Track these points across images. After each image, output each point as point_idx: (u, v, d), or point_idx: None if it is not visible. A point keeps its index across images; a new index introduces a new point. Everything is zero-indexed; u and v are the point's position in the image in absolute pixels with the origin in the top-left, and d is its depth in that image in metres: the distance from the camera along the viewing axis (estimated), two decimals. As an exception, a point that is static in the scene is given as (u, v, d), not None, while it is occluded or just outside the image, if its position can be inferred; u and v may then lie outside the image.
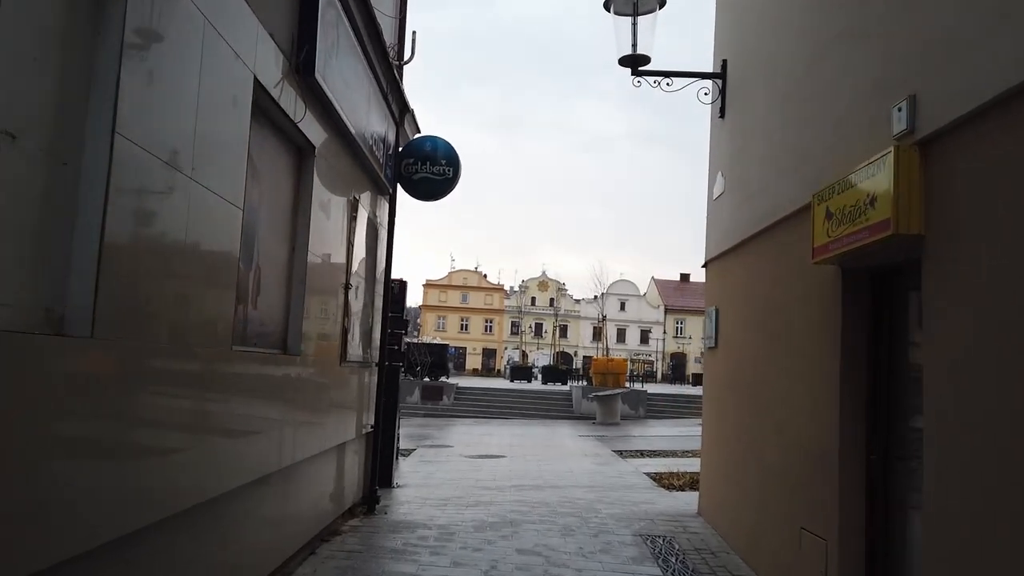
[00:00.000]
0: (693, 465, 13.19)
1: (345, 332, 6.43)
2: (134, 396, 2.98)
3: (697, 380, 53.37)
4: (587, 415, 25.00)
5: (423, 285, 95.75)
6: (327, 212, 5.74)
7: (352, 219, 6.55)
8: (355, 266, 6.86)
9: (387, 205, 8.11)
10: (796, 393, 5.49)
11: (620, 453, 15.14)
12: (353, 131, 6.02)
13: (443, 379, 28.49)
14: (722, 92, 7.97)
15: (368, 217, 7.46)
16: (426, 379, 27.70)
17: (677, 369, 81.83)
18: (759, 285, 6.51)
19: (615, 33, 7.45)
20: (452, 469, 12.29)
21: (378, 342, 7.92)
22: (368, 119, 6.62)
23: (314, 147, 5.26)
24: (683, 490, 10.31)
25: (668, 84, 7.82)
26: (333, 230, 6.00)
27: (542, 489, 10.12)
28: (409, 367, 27.94)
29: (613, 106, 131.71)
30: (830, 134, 5.11)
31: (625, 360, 30.84)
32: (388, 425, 10.22)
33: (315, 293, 5.51)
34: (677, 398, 29.05)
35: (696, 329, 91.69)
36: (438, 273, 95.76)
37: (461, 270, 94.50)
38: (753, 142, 6.84)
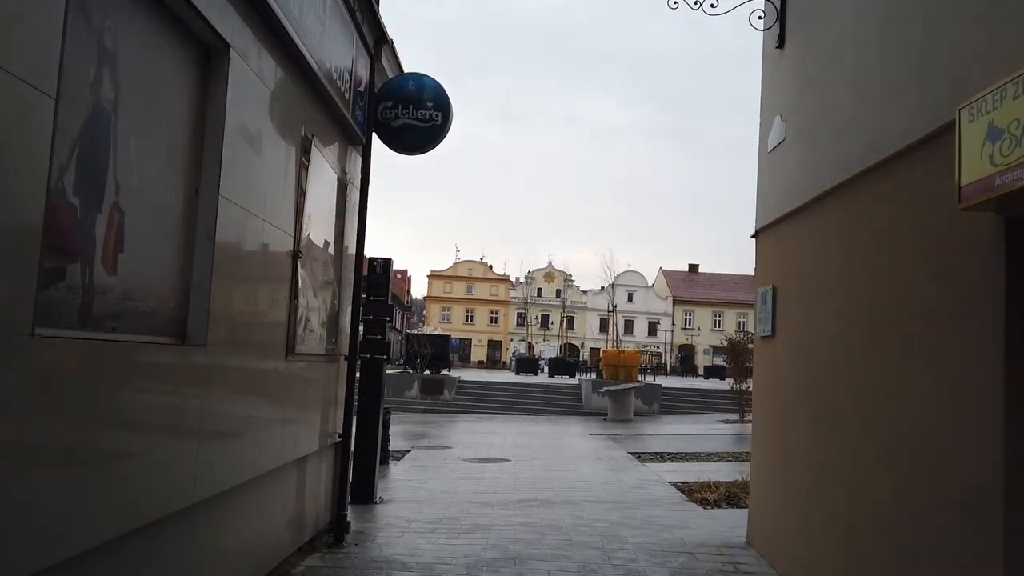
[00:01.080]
0: (723, 472, 11.57)
1: (292, 316, 4.82)
2: None
3: (712, 373, 51.63)
4: (598, 411, 23.42)
5: (428, 276, 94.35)
6: (256, 147, 4.13)
7: (303, 165, 4.94)
8: (310, 230, 5.25)
9: (359, 159, 6.50)
10: (917, 406, 3.87)
11: (638, 456, 13.54)
12: (298, 40, 4.40)
13: (445, 372, 26.90)
14: (780, 14, 6.32)
15: (334, 172, 5.84)
16: (426, 372, 26.13)
17: (686, 361, 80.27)
18: (847, 254, 4.88)
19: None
20: (448, 477, 10.70)
21: (348, 331, 6.32)
22: (324, 34, 5.00)
23: (228, 46, 3.64)
24: (719, 506, 8.71)
25: (712, 5, 6.20)
26: (270, 174, 4.38)
27: (552, 506, 8.52)
28: (408, 360, 26.39)
29: (618, 98, 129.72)
30: (985, 17, 3.47)
31: (638, 352, 29.20)
32: (370, 430, 8.63)
33: (236, 258, 3.91)
34: (692, 392, 27.39)
35: (705, 320, 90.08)
36: (443, 264, 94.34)
37: (466, 261, 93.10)
38: (835, 65, 5.18)
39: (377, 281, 8.69)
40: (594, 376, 30.77)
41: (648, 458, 13.32)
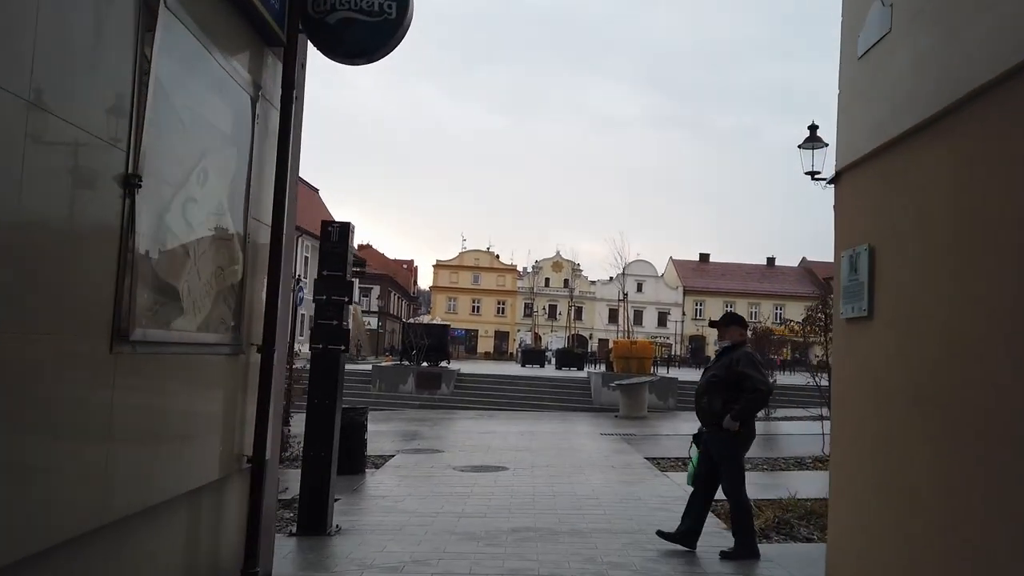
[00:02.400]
0: (758, 485, 9.68)
1: (125, 280, 2.96)
2: None
3: (723, 365, 49.77)
4: (608, 406, 21.55)
5: (433, 266, 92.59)
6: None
7: (146, 31, 3.06)
8: (177, 152, 3.39)
9: (279, 68, 4.61)
10: None
11: (656, 463, 11.67)
12: None
13: (444, 364, 25.05)
14: None
15: (229, 75, 3.97)
16: (424, 364, 24.29)
17: (696, 353, 78.43)
18: (1006, 190, 2.99)
19: None
20: (430, 493, 8.86)
21: (262, 311, 4.44)
22: None
23: None
24: (768, 538, 6.85)
25: None
26: (67, 36, 2.53)
27: (555, 539, 6.67)
28: (404, 351, 24.60)
29: (627, 87, 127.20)
30: None
31: (651, 343, 27.24)
32: (322, 440, 6.78)
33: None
34: (711, 386, 25.46)
35: (716, 311, 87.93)
36: (449, 253, 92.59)
37: (472, 250, 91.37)
38: None
39: (333, 251, 6.84)
40: (604, 369, 28.89)
41: (668, 465, 11.45)
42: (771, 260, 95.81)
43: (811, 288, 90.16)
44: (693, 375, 34.45)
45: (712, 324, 6.74)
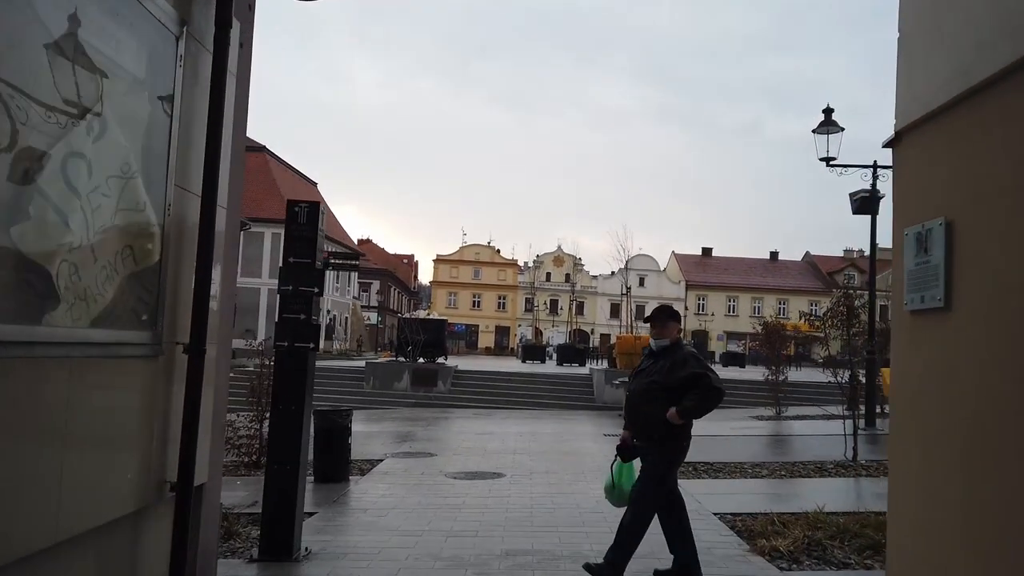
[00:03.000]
0: (780, 494, 8.83)
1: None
2: None
3: (731, 361, 48.70)
4: (611, 405, 20.69)
5: (433, 260, 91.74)
6: None
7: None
8: (33, 79, 2.54)
9: (212, 3, 3.73)
10: None
11: (665, 468, 10.80)
12: None
13: (441, 361, 24.20)
14: None
15: (145, 5, 3.12)
16: (420, 360, 23.43)
17: (699, 348, 77.50)
18: None
19: None
20: (418, 506, 8.02)
21: (191, 300, 3.57)
22: None
23: None
24: (799, 563, 6.01)
25: None
26: None
27: (555, 564, 5.83)
28: (399, 347, 23.78)
29: (628, 81, 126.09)
30: None
31: (656, 338, 26.42)
32: (287, 452, 5.92)
33: None
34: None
35: (719, 306, 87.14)
36: (450, 248, 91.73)
37: (473, 245, 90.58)
38: None
39: (301, 235, 5.99)
40: (606, 365, 28.04)
41: (680, 471, 10.58)
42: (774, 254, 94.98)
43: (815, 282, 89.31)
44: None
45: (647, 320, 5.83)
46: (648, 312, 6.27)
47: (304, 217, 5.94)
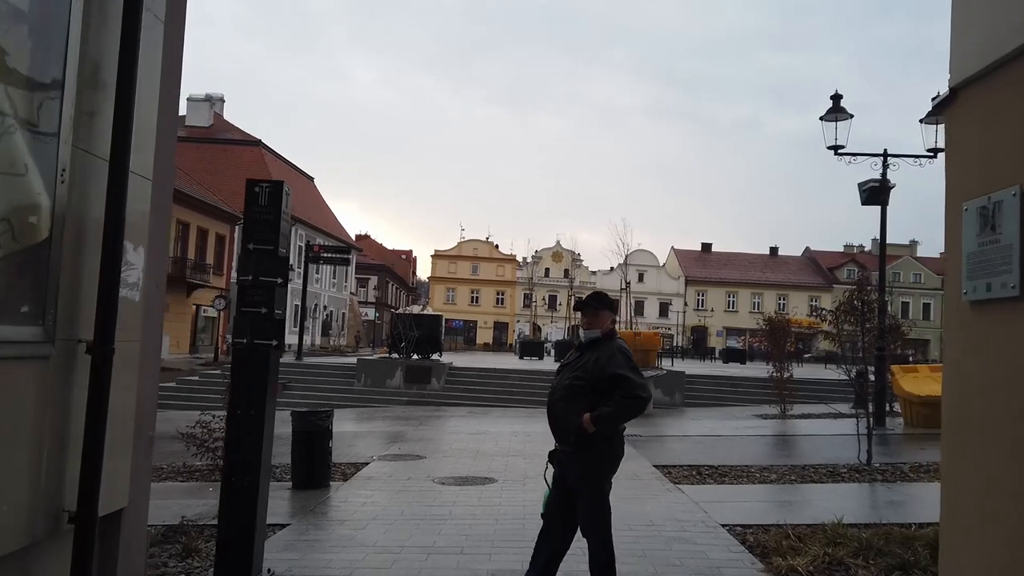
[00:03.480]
0: (791, 502, 8.20)
1: None
2: None
3: (731, 357, 48.08)
4: (610, 403, 20.06)
5: (431, 256, 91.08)
6: None
7: None
8: None
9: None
10: None
11: (667, 471, 10.18)
12: None
13: (436, 357, 23.55)
14: None
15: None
16: (414, 357, 22.78)
17: (698, 344, 77.09)
18: None
19: None
20: (400, 517, 7.39)
21: (94, 293, 2.92)
22: None
23: None
24: (820, 586, 5.35)
25: None
26: None
27: (547, 588, 5.18)
28: (392, 344, 23.14)
29: (628, 78, 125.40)
30: None
31: (657, 334, 25.76)
32: (247, 464, 5.27)
33: None
34: (719, 381, 23.92)
35: (719, 301, 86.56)
36: (448, 244, 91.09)
37: (471, 240, 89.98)
38: None
39: (262, 219, 5.34)
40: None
41: (681, 475, 9.96)
42: (774, 250, 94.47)
43: (815, 278, 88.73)
44: (701, 368, 32.83)
45: (576, 307, 5.12)
46: (647, 306, 5.57)
47: (265, 198, 5.29)
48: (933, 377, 15.83)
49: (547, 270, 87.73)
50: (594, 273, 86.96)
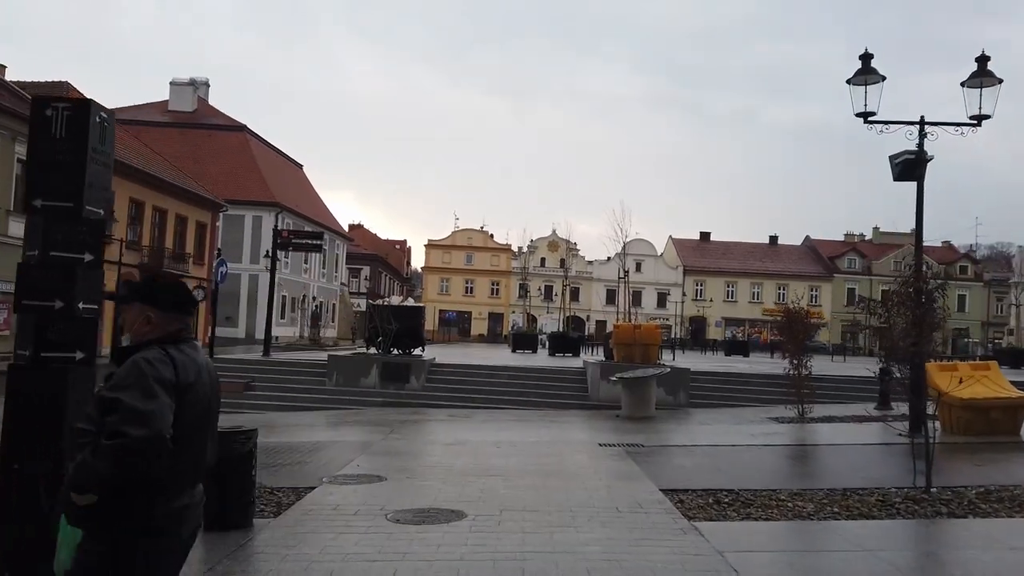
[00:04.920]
0: (851, 559, 6.29)
1: None
2: None
3: (734, 349, 46.26)
4: (607, 403, 18.21)
5: (425, 245, 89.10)
6: None
7: None
8: None
9: None
10: None
11: (678, 500, 8.29)
12: None
13: (417, 352, 21.60)
14: None
15: None
16: (393, 352, 20.84)
17: (696, 335, 75.41)
18: None
19: None
20: (332, 572, 5.48)
21: None
22: None
23: None
24: None
25: None
26: None
27: None
28: (369, 338, 21.20)
29: (625, 69, 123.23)
30: None
31: (657, 326, 23.86)
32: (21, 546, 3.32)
33: None
34: (728, 378, 21.98)
35: (717, 291, 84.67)
36: (442, 234, 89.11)
37: (466, 229, 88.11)
38: None
39: (55, 159, 3.39)
40: (602, 356, 25.53)
41: (695, 504, 8.06)
42: (774, 239, 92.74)
43: (815, 267, 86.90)
44: (704, 363, 30.76)
45: (109, 297, 3.17)
46: (645, 296, 3.57)
47: (62, 127, 3.33)
48: (976, 376, 13.94)
49: (543, 260, 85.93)
50: (591, 263, 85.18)
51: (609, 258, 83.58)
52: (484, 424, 15.28)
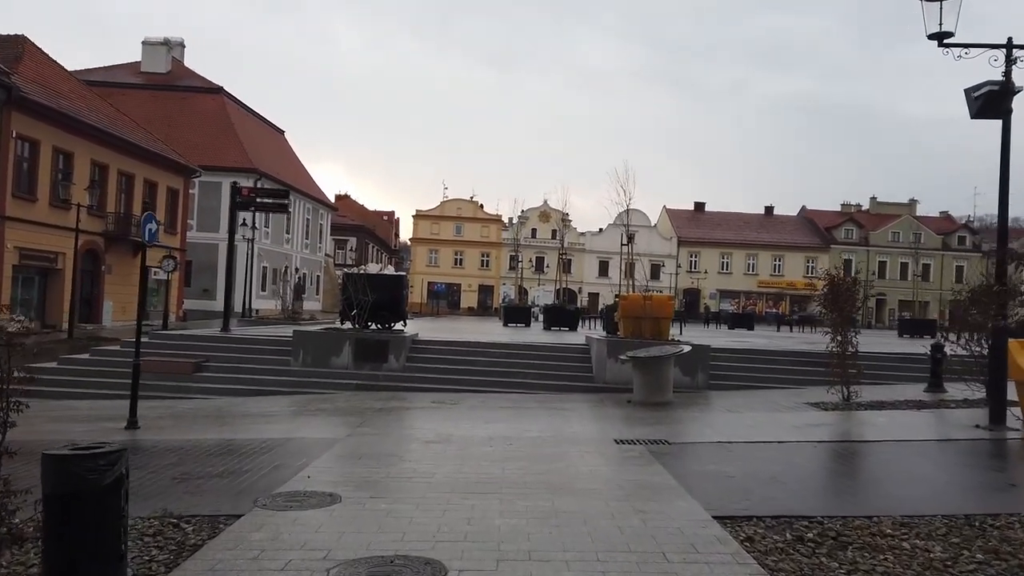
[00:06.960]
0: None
1: None
2: None
3: (738, 322, 43.90)
4: (615, 385, 15.87)
5: (413, 216, 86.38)
6: None
7: None
8: None
9: None
10: None
11: (742, 532, 5.93)
12: None
13: (398, 327, 19.10)
14: None
15: None
16: (371, 327, 18.37)
17: (691, 307, 73.24)
18: None
19: None
20: None
21: None
22: None
23: None
24: None
25: None
26: None
27: None
28: (343, 312, 18.70)
29: (616, 41, 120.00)
30: None
31: (670, 298, 21.48)
32: None
33: None
34: (752, 356, 19.53)
35: (712, 262, 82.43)
36: (430, 203, 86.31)
37: (455, 200, 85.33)
38: None
39: None
40: (602, 330, 23.15)
41: (772, 547, 5.69)
42: (769, 209, 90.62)
43: (812, 238, 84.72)
44: (706, 335, 28.08)
45: None
46: (637, 268, 0.98)
47: None
48: (1067, 356, 11.58)
49: (534, 231, 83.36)
50: (583, 234, 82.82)
51: (602, 229, 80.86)
52: (473, 413, 12.87)
